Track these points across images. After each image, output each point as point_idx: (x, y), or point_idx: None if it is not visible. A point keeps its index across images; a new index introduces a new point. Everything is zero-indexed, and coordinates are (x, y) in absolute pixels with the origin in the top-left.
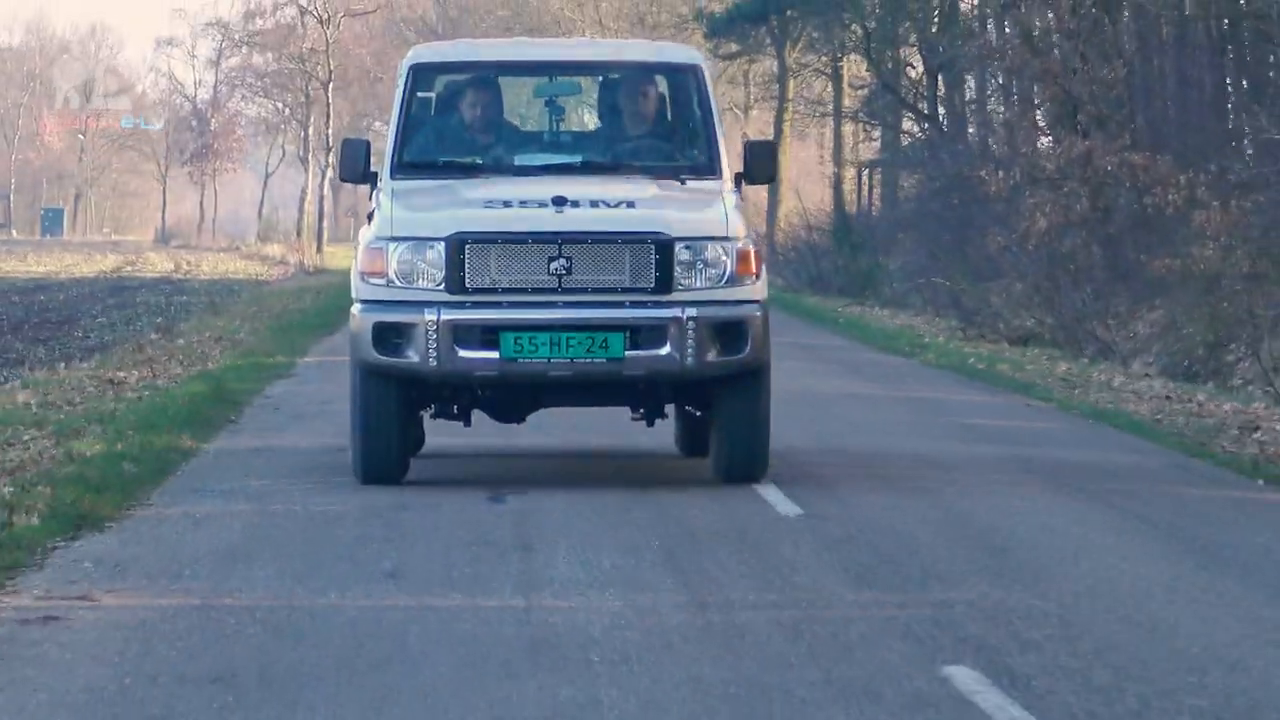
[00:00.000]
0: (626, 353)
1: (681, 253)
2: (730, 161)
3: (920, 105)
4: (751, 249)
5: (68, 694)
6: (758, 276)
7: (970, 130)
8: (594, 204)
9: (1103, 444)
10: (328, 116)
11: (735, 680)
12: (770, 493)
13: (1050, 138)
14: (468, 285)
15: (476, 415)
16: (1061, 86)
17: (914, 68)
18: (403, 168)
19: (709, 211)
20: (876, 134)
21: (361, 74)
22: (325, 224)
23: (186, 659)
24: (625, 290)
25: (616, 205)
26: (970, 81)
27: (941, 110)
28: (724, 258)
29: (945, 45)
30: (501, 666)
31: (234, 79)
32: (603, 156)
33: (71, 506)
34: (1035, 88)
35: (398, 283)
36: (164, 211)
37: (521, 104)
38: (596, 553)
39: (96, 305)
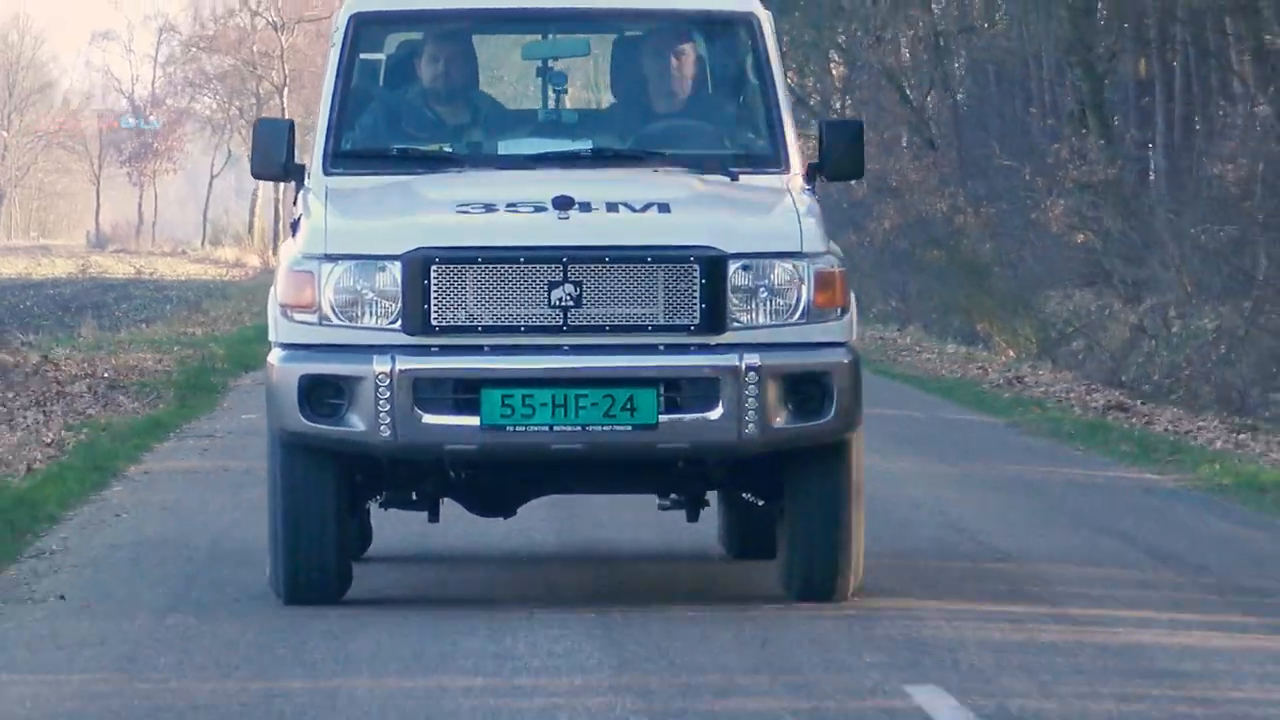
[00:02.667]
0: (661, 417)
1: (737, 275)
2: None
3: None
4: (836, 269)
5: None
6: (845, 308)
7: None
8: (612, 207)
9: None
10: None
11: None
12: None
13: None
14: (434, 323)
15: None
16: (905, 113)
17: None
18: (341, 158)
19: (774, 217)
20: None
21: (315, 77)
22: (281, 226)
23: None
24: (658, 329)
25: (644, 209)
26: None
27: None
28: (797, 282)
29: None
30: None
31: (178, 79)
32: (621, 142)
33: (237, 364)
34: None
35: (334, 319)
36: (97, 214)
37: (507, 70)
38: None
39: (106, 297)
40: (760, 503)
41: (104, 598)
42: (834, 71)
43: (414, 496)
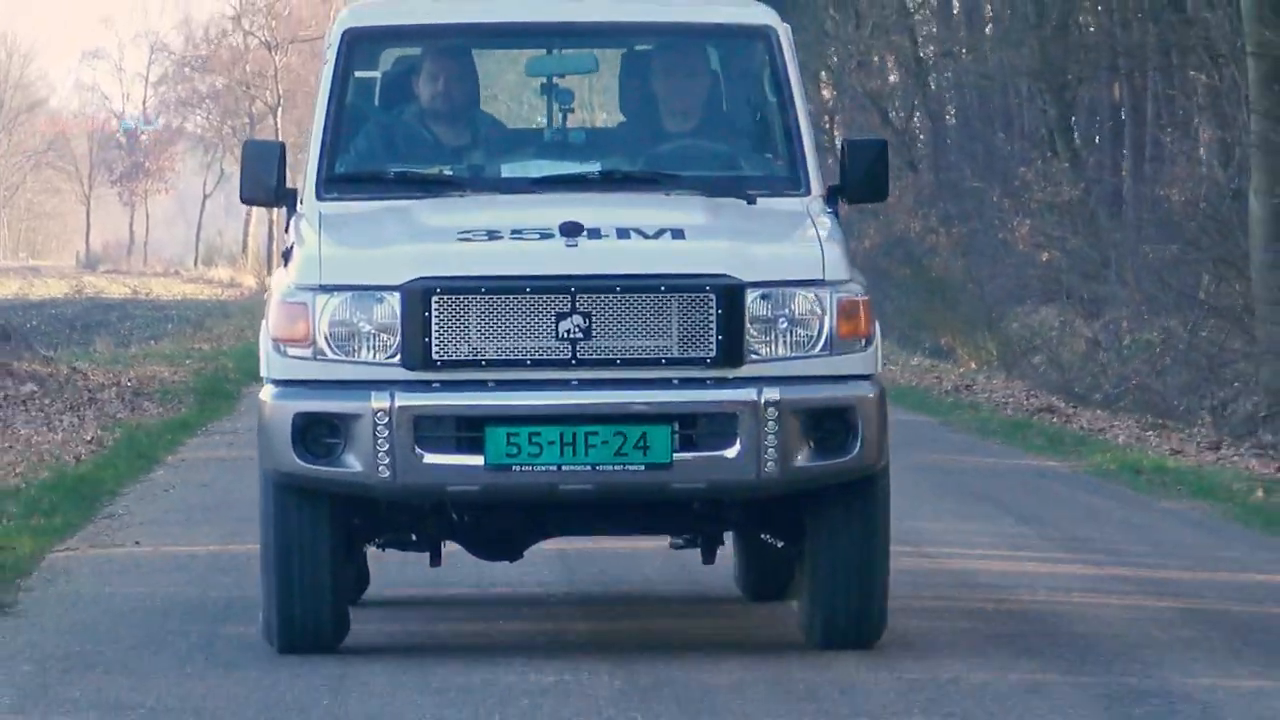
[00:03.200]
0: (675, 455)
1: (756, 304)
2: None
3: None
4: (860, 297)
5: None
6: (869, 339)
7: None
8: (622, 233)
9: None
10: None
11: None
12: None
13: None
14: (436, 357)
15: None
16: (888, 135)
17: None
18: (335, 183)
19: (795, 243)
20: None
21: (308, 97)
22: (276, 245)
23: None
24: (672, 362)
25: (656, 235)
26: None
27: None
28: (819, 311)
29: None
30: None
31: (170, 98)
32: (632, 164)
33: (248, 375)
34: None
35: (330, 353)
36: (88, 235)
37: (509, 88)
38: None
39: (108, 316)
40: (780, 544)
41: (171, 543)
42: (824, 94)
43: (414, 538)
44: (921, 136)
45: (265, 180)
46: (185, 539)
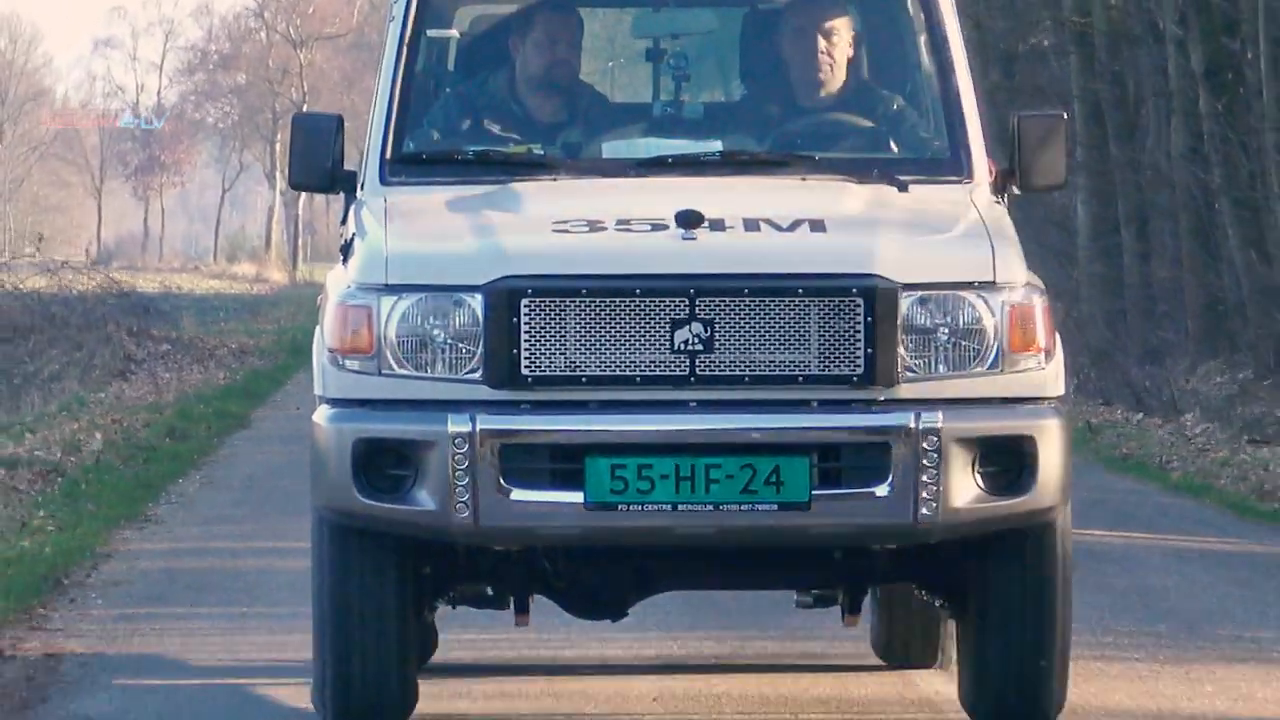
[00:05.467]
0: (814, 493)
1: (913, 311)
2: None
3: None
4: (1038, 303)
5: None
6: (1049, 354)
7: None
8: (751, 225)
9: None
10: None
11: None
12: None
13: None
14: (526, 372)
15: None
16: None
17: None
18: (403, 163)
19: (958, 238)
20: None
21: (333, 92)
22: (300, 240)
23: None
24: (810, 380)
25: (791, 227)
26: None
27: None
28: (988, 320)
29: None
30: None
31: (191, 93)
32: (759, 143)
33: None
34: None
35: (397, 367)
36: (99, 229)
37: (612, 51)
38: None
39: (160, 305)
40: (938, 603)
41: None
42: None
43: (491, 593)
44: None
45: (319, 161)
46: None
